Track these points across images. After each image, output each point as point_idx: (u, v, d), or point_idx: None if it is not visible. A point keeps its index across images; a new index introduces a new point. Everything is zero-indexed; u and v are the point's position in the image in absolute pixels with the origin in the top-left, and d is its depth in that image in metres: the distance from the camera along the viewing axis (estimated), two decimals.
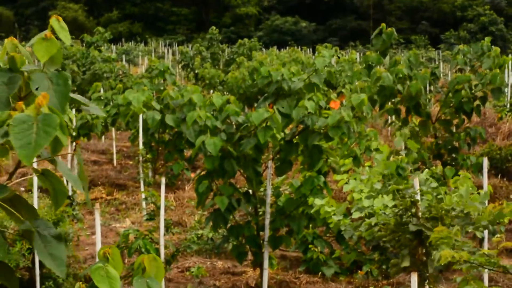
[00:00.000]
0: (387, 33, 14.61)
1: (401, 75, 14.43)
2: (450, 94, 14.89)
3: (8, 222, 10.30)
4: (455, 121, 15.23)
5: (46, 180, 3.32)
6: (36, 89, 3.20)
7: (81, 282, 3.42)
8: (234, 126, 10.47)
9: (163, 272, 3.44)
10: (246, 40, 44.57)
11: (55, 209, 3.38)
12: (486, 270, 7.12)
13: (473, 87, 14.70)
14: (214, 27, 47.62)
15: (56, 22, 3.39)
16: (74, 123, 17.64)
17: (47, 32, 3.34)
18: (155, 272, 3.39)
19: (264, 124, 9.91)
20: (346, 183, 9.32)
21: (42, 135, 2.91)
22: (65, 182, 3.41)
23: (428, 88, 15.14)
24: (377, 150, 11.57)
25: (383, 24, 14.87)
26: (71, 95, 3.43)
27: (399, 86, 14.32)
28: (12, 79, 3.24)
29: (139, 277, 3.37)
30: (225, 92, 26.53)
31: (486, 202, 8.97)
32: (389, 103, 14.97)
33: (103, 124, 17.79)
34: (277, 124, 9.92)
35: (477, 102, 14.83)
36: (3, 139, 2.97)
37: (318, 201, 9.43)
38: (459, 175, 8.96)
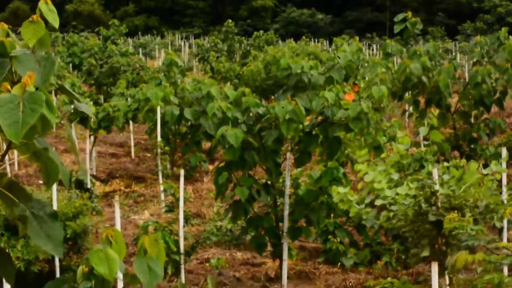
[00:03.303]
0: (411, 22, 14.47)
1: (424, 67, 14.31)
2: (469, 87, 14.83)
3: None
4: (473, 112, 15.19)
5: (38, 159, 3.26)
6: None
7: (84, 266, 3.39)
8: (254, 118, 10.48)
9: (164, 253, 3.40)
10: (261, 32, 44.46)
11: (47, 188, 3.35)
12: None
13: (493, 80, 14.64)
14: (230, 20, 47.49)
15: (44, 5, 3.36)
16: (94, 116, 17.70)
17: (34, 15, 3.30)
18: (156, 253, 3.37)
19: (286, 117, 9.91)
20: (366, 173, 9.34)
21: (28, 113, 2.91)
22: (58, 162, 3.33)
23: None
24: (396, 140, 11.55)
25: (409, 12, 14.69)
26: (69, 89, 3.45)
27: (423, 78, 14.19)
28: (1, 64, 3.21)
29: (140, 258, 3.34)
30: (242, 85, 26.53)
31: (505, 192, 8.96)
32: (408, 93, 14.88)
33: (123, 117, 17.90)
34: (300, 116, 9.92)
35: (498, 95, 14.81)
36: None
37: (341, 189, 9.45)
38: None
